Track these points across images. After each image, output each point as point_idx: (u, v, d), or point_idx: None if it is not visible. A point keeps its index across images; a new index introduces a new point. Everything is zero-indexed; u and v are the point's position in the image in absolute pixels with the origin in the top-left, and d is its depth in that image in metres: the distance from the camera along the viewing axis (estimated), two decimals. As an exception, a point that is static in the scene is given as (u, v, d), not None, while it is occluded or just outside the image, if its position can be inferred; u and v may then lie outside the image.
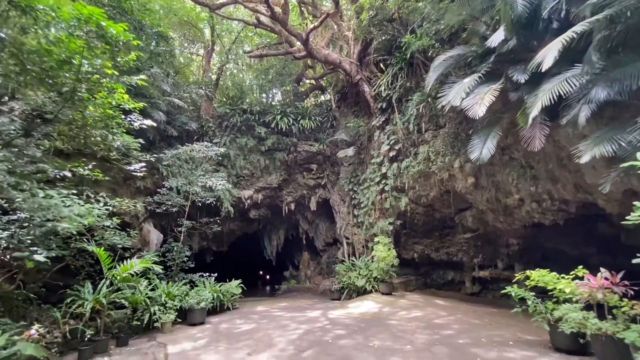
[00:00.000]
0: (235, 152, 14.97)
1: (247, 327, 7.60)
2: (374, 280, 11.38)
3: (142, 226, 13.20)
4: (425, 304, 9.55)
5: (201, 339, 6.99)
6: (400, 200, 12.83)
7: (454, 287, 14.03)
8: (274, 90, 18.95)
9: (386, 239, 11.36)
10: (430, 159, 11.67)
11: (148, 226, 13.66)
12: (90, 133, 6.01)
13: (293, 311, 9.42)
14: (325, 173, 16.48)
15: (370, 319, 7.90)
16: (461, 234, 12.93)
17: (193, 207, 14.53)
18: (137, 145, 8.33)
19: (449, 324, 7.29)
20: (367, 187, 14.04)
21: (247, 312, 9.62)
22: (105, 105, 5.75)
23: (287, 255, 22.28)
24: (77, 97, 5.15)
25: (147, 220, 13.76)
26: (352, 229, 15.24)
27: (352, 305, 9.87)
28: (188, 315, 8.13)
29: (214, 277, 10.66)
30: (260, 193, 16.16)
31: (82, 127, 5.76)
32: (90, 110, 5.54)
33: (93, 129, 5.89)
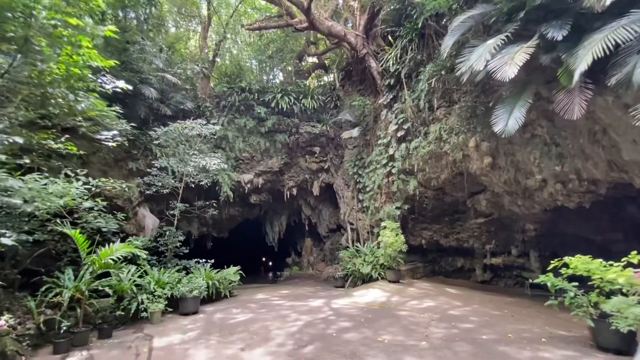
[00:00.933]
0: (233, 134, 14.05)
1: (244, 318, 6.87)
2: (380, 268, 10.59)
3: (136, 210, 12.45)
4: (436, 293, 8.76)
5: (192, 331, 6.26)
6: (409, 184, 11.92)
7: (463, 275, 13.25)
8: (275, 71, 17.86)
9: (394, 223, 10.52)
10: (442, 138, 10.70)
11: (143, 210, 12.92)
12: (50, 94, 5.10)
13: (294, 300, 8.69)
14: (329, 156, 15.56)
15: (378, 310, 7.13)
16: (473, 219, 12.06)
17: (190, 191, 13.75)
18: (112, 113, 7.38)
19: (466, 315, 6.49)
20: (373, 170, 13.12)
21: (245, 300, 8.90)
22: (70, 61, 4.85)
23: (289, 242, 21.60)
24: (32, 50, 4.27)
25: (143, 205, 13.00)
26: (356, 215, 14.42)
27: (358, 293, 9.11)
28: (180, 305, 7.41)
29: (211, 263, 9.91)
30: (261, 177, 15.32)
31: (38, 86, 4.87)
32: (50, 67, 4.64)
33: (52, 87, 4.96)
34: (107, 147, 10.85)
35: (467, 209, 12.08)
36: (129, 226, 12.29)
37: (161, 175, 9.95)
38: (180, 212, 10.30)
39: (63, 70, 4.89)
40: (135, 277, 7.42)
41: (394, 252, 9.87)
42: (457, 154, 10.42)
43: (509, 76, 5.55)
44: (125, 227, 12.17)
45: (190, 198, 13.53)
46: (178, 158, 9.80)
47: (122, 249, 6.23)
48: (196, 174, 10.19)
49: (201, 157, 9.72)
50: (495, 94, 8.52)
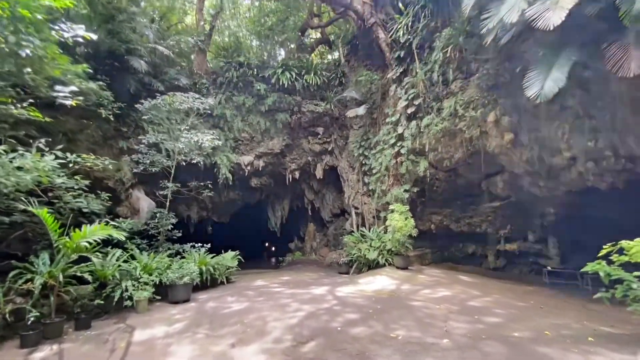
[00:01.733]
0: (232, 112, 13.11)
1: (238, 307, 6.12)
2: (387, 253, 9.78)
3: (130, 193, 11.67)
4: (449, 281, 7.95)
5: (179, 322, 5.51)
6: (419, 165, 10.98)
7: (474, 261, 12.41)
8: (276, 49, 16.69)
9: (403, 206, 9.64)
10: (457, 114, 9.69)
11: (137, 193, 12.14)
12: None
13: (295, 287, 7.93)
14: (333, 137, 14.59)
15: (387, 299, 6.34)
16: (487, 202, 11.14)
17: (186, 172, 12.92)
18: (77, 69, 6.41)
19: (488, 307, 5.67)
20: (380, 151, 12.17)
21: (243, 287, 8.16)
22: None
23: (292, 227, 20.86)
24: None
25: (137, 187, 12.21)
26: (361, 198, 13.55)
27: (364, 281, 8.32)
28: (169, 292, 6.68)
29: (207, 248, 9.16)
30: (262, 159, 14.43)
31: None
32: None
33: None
34: (94, 125, 10.06)
35: (481, 192, 11.16)
36: (123, 209, 11.54)
37: (151, 152, 9.08)
38: (172, 193, 9.46)
39: (7, 11, 3.97)
40: (120, 262, 6.66)
41: (402, 237, 9.03)
42: (474, 131, 9.44)
43: (553, 23, 4.54)
44: (119, 210, 11.44)
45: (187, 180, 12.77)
46: (168, 134, 8.90)
47: (99, 232, 5.43)
48: (188, 151, 9.31)
49: (193, 133, 8.81)
50: (522, 60, 7.48)
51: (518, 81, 7.75)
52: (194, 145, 9.06)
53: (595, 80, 6.72)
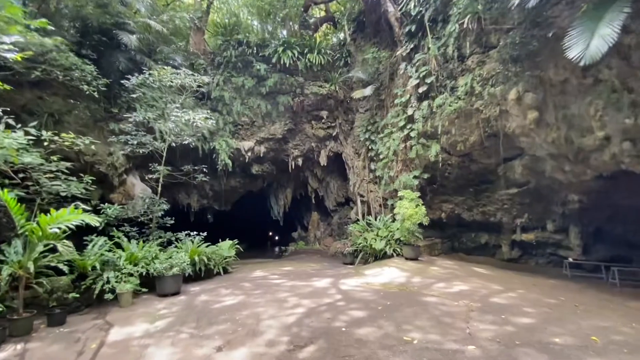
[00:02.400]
0: (230, 94, 12.29)
1: (232, 302, 5.44)
2: (395, 243, 9.03)
3: (124, 178, 11.02)
4: (465, 273, 7.18)
5: (163, 318, 4.85)
6: (430, 149, 10.12)
7: (487, 252, 11.62)
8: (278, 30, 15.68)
9: (413, 193, 8.83)
10: (473, 92, 8.78)
11: (132, 179, 11.49)
12: None
13: (296, 278, 7.24)
14: (337, 122, 13.72)
15: (398, 294, 5.61)
16: (503, 189, 10.26)
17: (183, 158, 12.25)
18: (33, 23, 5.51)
19: (515, 305, 4.90)
20: (388, 135, 11.31)
21: (240, 278, 7.49)
22: None
23: (295, 216, 20.21)
24: None
25: (132, 172, 11.56)
26: (367, 186, 12.75)
27: (370, 272, 7.60)
28: (157, 284, 6.03)
29: (203, 236, 8.49)
30: (263, 145, 13.65)
31: None
32: None
33: None
34: (83, 105, 9.34)
35: (496, 178, 10.28)
36: (117, 196, 10.91)
37: (140, 132, 8.34)
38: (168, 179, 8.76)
39: None
40: (103, 251, 6.00)
41: (412, 225, 8.25)
42: (492, 110, 8.54)
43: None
44: (113, 197, 10.83)
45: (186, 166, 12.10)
46: (157, 112, 8.14)
47: (70, 217, 4.74)
48: (179, 131, 8.53)
49: (184, 111, 8.03)
50: (553, 26, 6.52)
51: (547, 50, 6.84)
52: (185, 125, 8.28)
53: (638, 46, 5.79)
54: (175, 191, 14.80)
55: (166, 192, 14.94)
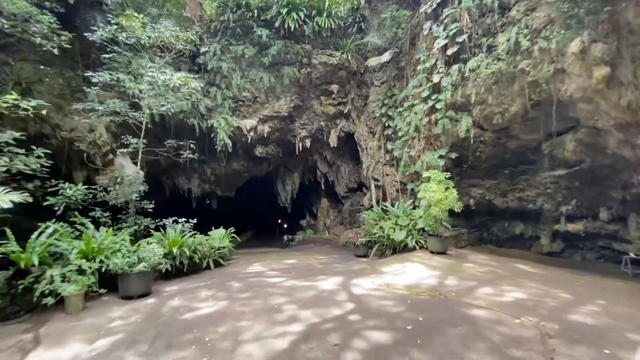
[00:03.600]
0: (229, 65, 10.73)
1: (209, 310, 4.03)
2: (417, 234, 7.44)
3: (110, 159, 9.70)
4: (509, 272, 5.55)
5: (109, 336, 3.47)
6: (459, 123, 8.37)
7: (521, 244, 9.89)
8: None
9: (441, 173, 7.16)
10: (519, 48, 6.96)
11: (121, 159, 10.15)
12: None
13: (299, 276, 5.77)
14: (349, 97, 11.99)
15: (430, 303, 4.07)
16: (547, 170, 8.46)
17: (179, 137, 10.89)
18: None
19: (611, 327, 3.27)
20: (408, 108, 9.57)
21: (231, 275, 6.08)
22: None
23: (304, 202, 18.77)
24: None
25: (121, 152, 10.27)
26: (383, 169, 11.09)
27: (390, 269, 6.05)
28: (119, 284, 4.68)
29: (192, 223, 7.11)
30: (267, 124, 12.09)
31: None
32: None
33: None
34: (55, 72, 7.98)
35: (539, 158, 8.48)
36: (103, 178, 9.64)
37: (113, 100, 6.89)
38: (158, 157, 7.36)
39: None
40: (53, 241, 4.64)
41: (440, 212, 6.62)
42: (543, 71, 6.71)
43: None
44: (99, 179, 9.55)
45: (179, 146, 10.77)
46: (127, 70, 6.64)
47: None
48: (156, 95, 7.01)
49: (162, 71, 6.51)
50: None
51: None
52: (167, 88, 6.77)
53: None
54: (174, 175, 13.52)
55: (165, 175, 13.71)
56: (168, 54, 7.12)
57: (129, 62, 6.79)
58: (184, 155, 7.92)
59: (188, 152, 7.93)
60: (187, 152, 7.94)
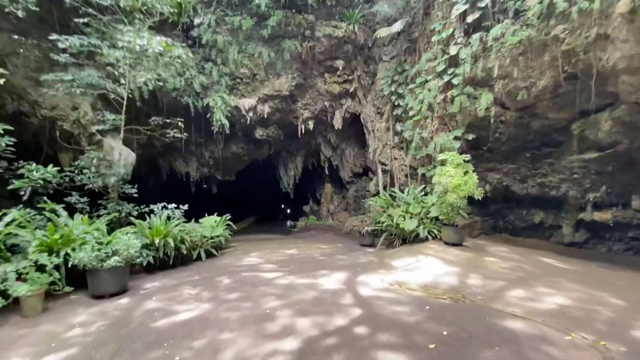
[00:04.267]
0: (225, 38, 9.75)
1: (188, 315, 3.35)
2: (430, 222, 6.65)
3: (97, 139, 8.94)
4: (538, 269, 4.78)
5: (60, 350, 2.80)
6: (478, 100, 7.42)
7: (540, 233, 9.06)
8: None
9: (459, 155, 6.28)
10: (553, 11, 5.95)
11: (111, 141, 9.40)
12: None
13: (298, 271, 5.04)
14: (356, 74, 10.98)
15: (453, 309, 3.32)
16: (575, 153, 7.52)
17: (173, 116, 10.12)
18: None
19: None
20: (421, 85, 8.58)
21: (222, 268, 5.39)
22: None
23: (307, 188, 18.05)
24: None
25: (110, 133, 9.50)
26: (391, 152, 10.21)
27: (400, 263, 5.31)
28: (89, 281, 4.00)
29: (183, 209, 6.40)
30: (267, 104, 11.20)
31: None
32: None
33: None
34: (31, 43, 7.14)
35: (566, 139, 7.55)
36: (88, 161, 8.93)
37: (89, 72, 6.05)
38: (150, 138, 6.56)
39: None
40: (12, 230, 3.94)
41: (458, 199, 5.79)
42: (582, 37, 5.71)
43: None
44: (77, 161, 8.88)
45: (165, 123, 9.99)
46: (104, 37, 5.77)
47: None
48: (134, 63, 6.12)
49: (141, 36, 5.62)
50: None
51: None
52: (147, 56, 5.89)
53: None
54: (171, 158, 12.80)
55: (161, 158, 12.99)
56: (150, 19, 6.19)
57: (105, 27, 5.89)
58: (171, 134, 7.09)
59: (176, 131, 7.09)
60: (174, 130, 7.09)
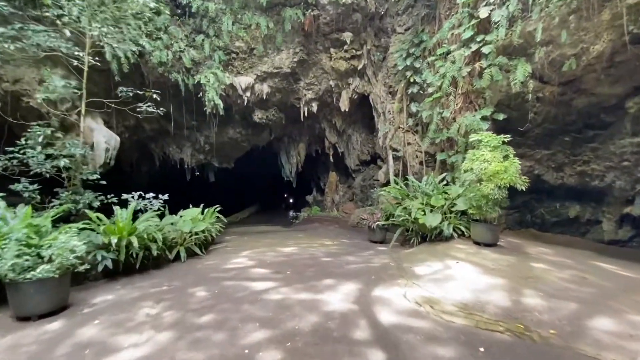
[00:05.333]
0: (218, 6, 8.45)
1: (131, 356, 2.25)
2: (455, 218, 5.45)
3: (73, 120, 7.79)
4: (607, 281, 3.61)
5: None
6: (514, 72, 6.12)
7: (573, 229, 7.85)
8: None
9: (497, 136, 5.01)
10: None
11: (90, 122, 8.25)
12: None
13: (296, 279, 3.87)
14: (365, 48, 9.62)
15: (517, 350, 2.19)
16: (628, 136, 6.25)
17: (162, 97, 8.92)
18: None
19: None
20: (442, 56, 7.26)
21: (202, 273, 4.28)
22: None
23: (311, 176, 16.88)
24: None
25: (90, 114, 8.34)
26: (404, 136, 8.93)
27: (425, 270, 4.15)
28: (10, 297, 2.87)
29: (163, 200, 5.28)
30: (266, 83, 9.92)
31: None
32: None
33: None
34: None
35: (617, 120, 6.28)
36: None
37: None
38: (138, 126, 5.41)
39: None
40: None
41: (497, 190, 4.56)
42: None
43: None
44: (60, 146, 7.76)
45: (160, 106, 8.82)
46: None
47: None
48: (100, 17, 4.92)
49: None
50: None
51: None
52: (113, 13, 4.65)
53: None
54: (164, 143, 11.66)
55: (154, 143, 11.86)
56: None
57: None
58: (143, 107, 5.88)
59: (149, 105, 5.87)
60: (146, 104, 5.87)
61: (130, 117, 9.56)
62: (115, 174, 11.14)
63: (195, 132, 11.27)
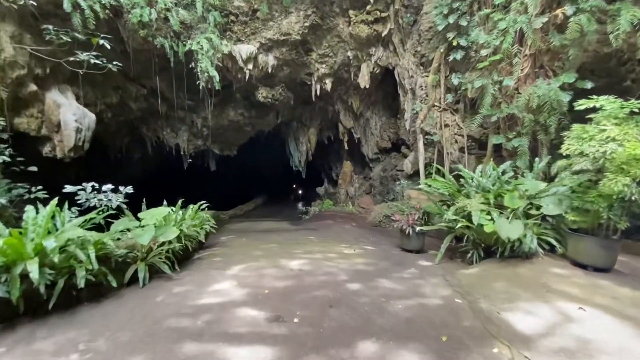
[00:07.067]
0: (211, -49, 6.59)
1: None
2: (538, 226, 3.62)
3: (32, 91, 6.16)
4: None
5: None
6: (616, 20, 4.16)
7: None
8: None
9: (621, 102, 3.12)
10: None
11: (57, 96, 6.65)
12: None
13: (306, 338, 2.24)
14: (392, 9, 7.70)
15: None
16: None
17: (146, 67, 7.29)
18: None
19: None
20: (501, 8, 5.31)
21: (157, 314, 2.63)
22: None
23: (322, 165, 15.12)
24: None
25: (56, 86, 6.71)
26: (440, 116, 7.07)
27: (528, 322, 2.42)
28: None
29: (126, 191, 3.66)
30: (271, 53, 8.14)
31: None
32: None
33: None
34: None
35: None
36: (26, 121, 6.21)
37: None
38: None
39: None
40: None
41: (633, 185, 2.74)
42: None
43: None
44: (19, 124, 6.18)
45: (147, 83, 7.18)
46: None
47: None
48: None
49: None
50: None
51: None
52: None
53: None
54: (156, 127, 10.04)
55: (145, 126, 10.25)
56: None
57: None
58: (82, 55, 4.17)
59: (89, 55, 4.13)
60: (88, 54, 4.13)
61: (111, 93, 7.92)
62: (100, 161, 9.63)
63: (192, 114, 9.61)
